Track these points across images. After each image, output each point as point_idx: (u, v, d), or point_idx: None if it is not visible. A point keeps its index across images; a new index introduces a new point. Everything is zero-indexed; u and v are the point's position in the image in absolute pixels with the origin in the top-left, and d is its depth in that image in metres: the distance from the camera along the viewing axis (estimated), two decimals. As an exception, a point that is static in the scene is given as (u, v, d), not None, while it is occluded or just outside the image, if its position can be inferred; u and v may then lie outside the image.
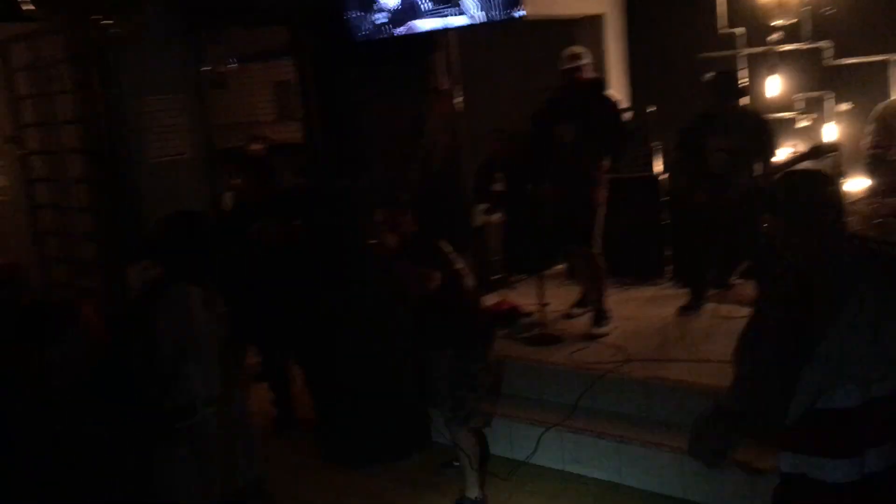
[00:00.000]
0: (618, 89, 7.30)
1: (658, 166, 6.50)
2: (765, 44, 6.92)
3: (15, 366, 3.55)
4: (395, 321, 4.90)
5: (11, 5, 3.69)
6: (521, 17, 4.49)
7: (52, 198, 4.46)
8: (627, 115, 6.52)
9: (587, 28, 7.45)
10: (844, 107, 6.56)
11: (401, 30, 4.76)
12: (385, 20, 4.73)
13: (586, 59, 5.32)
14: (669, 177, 6.33)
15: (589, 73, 5.41)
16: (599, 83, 5.61)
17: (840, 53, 6.67)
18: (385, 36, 4.76)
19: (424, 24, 4.72)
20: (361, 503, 4.51)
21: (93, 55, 4.02)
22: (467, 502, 4.20)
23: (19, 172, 4.36)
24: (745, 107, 5.24)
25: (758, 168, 5.13)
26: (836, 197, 2.36)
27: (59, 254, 4.48)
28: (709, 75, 5.39)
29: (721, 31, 7.12)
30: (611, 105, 5.49)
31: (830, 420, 2.13)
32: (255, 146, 6.65)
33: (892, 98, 6.05)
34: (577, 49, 5.37)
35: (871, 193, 5.70)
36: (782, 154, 5.66)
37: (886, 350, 2.12)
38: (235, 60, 5.98)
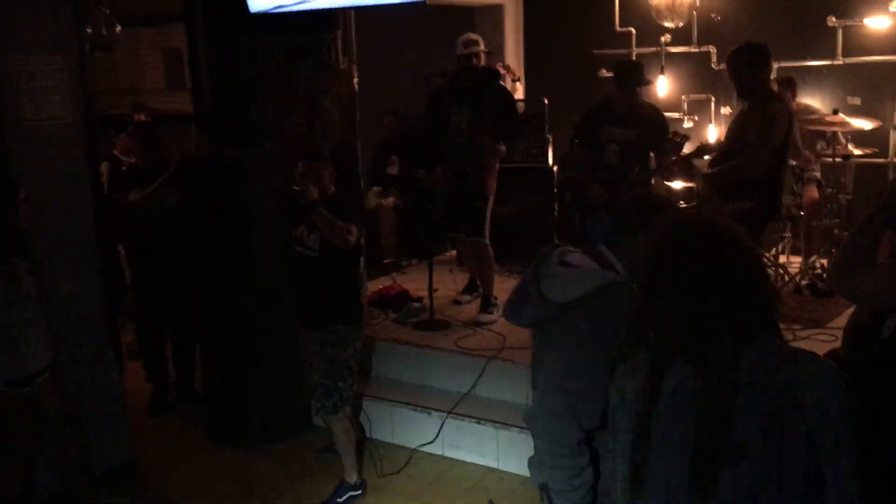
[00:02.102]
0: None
1: (551, 157, 6.64)
2: (654, 45, 7.16)
3: None
4: (282, 299, 4.84)
5: None
6: (422, 3, 4.48)
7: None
8: (521, 105, 6.63)
9: (487, 16, 7.52)
10: (726, 110, 6.87)
11: (299, 5, 4.66)
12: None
13: (482, 47, 5.35)
14: (559, 168, 6.48)
15: (484, 61, 5.45)
16: (494, 72, 5.67)
17: (724, 59, 6.96)
18: (282, 9, 4.65)
19: (324, 2, 4.65)
20: (241, 486, 4.42)
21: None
22: (346, 487, 4.19)
23: None
24: (641, 100, 5.35)
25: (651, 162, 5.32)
26: None
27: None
28: (614, 63, 5.50)
29: (618, 30, 7.32)
30: (505, 94, 5.56)
31: None
32: (140, 116, 6.41)
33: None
34: (472, 36, 5.40)
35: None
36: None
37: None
38: (121, 23, 5.70)
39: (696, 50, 7.08)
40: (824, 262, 5.71)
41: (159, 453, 4.77)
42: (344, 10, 5.08)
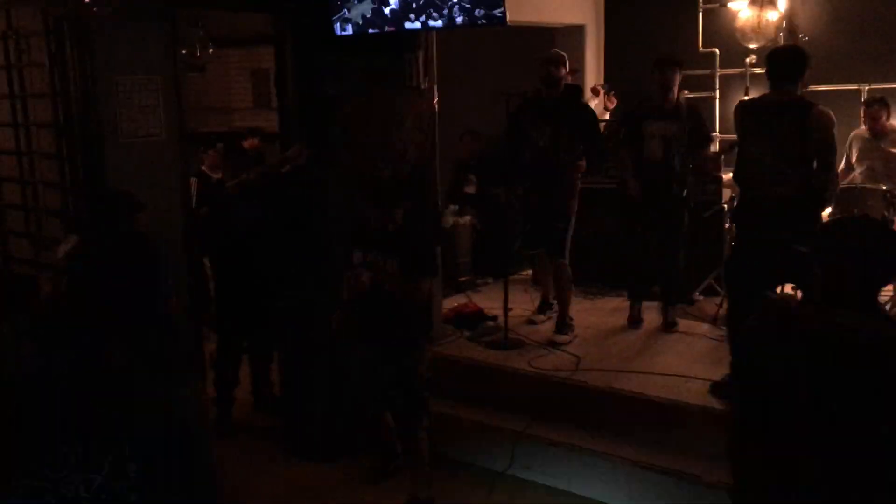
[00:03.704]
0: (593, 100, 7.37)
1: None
2: (736, 66, 7.04)
3: None
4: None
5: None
6: (503, 22, 4.50)
7: (19, 172, 4.41)
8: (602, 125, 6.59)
9: (568, 37, 7.52)
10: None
11: (384, 27, 4.75)
12: (368, 15, 4.71)
13: (565, 63, 5.34)
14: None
15: (567, 78, 5.44)
16: (577, 88, 5.64)
17: (809, 81, 6.80)
18: (367, 30, 4.76)
19: (408, 24, 4.73)
20: (318, 499, 4.50)
21: (69, 29, 3.99)
22: (418, 503, 4.22)
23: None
24: (679, 97, 5.45)
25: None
26: None
27: (23, 229, 4.43)
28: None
29: (701, 50, 7.24)
30: (587, 110, 5.53)
31: None
32: (253, 141, 6.66)
33: (859, 129, 6.20)
34: (556, 52, 5.38)
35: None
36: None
37: None
38: (213, 45, 5.92)
39: (782, 71, 6.92)
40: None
41: (237, 463, 4.88)
42: (426, 32, 5.16)
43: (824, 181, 4.20)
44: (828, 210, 4.84)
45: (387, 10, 4.60)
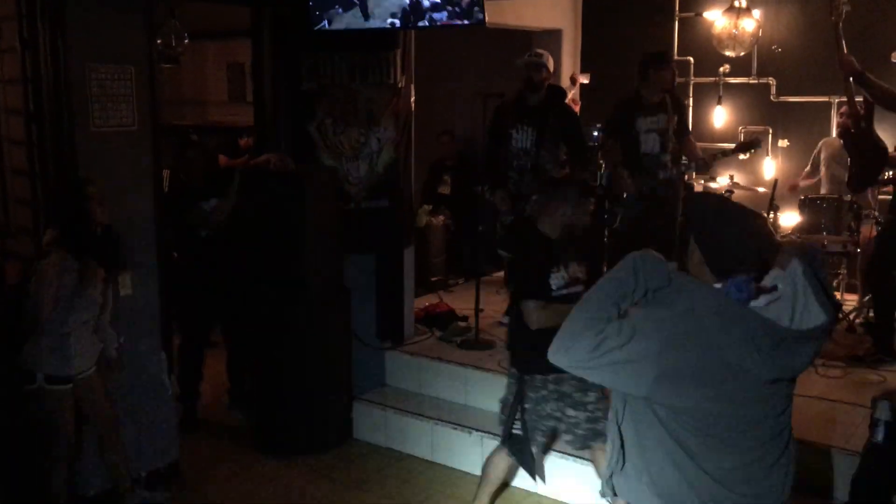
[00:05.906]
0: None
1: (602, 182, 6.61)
2: (711, 75, 7.12)
3: None
4: (330, 313, 4.91)
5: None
6: (482, 24, 4.50)
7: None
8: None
9: (545, 41, 7.55)
10: (783, 143, 6.80)
11: (363, 23, 4.73)
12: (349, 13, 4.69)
13: (549, 63, 5.30)
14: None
15: (550, 78, 5.41)
16: (560, 90, 5.62)
17: (783, 91, 6.90)
18: (346, 27, 4.73)
19: (387, 22, 4.71)
20: (282, 495, 4.47)
21: (43, 14, 3.92)
22: None
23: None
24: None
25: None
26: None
27: (-11, 216, 4.36)
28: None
29: (676, 58, 7.30)
30: (571, 113, 5.52)
31: None
32: (248, 140, 6.66)
33: (830, 137, 6.32)
34: (540, 51, 5.34)
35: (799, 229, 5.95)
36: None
37: None
38: (188, 37, 5.87)
39: (755, 81, 7.02)
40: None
41: (204, 458, 4.84)
42: (404, 31, 5.16)
43: None
44: None
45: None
